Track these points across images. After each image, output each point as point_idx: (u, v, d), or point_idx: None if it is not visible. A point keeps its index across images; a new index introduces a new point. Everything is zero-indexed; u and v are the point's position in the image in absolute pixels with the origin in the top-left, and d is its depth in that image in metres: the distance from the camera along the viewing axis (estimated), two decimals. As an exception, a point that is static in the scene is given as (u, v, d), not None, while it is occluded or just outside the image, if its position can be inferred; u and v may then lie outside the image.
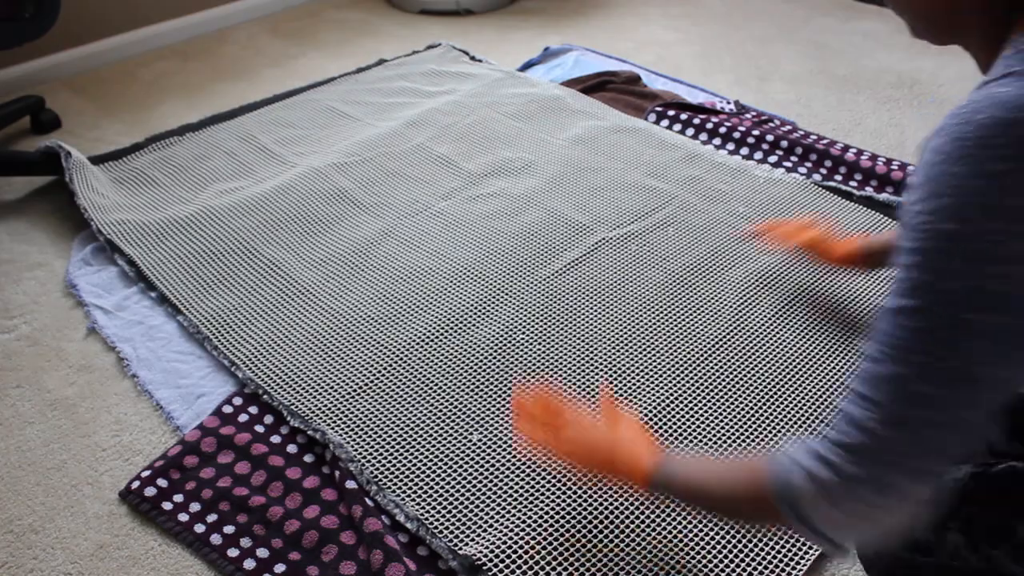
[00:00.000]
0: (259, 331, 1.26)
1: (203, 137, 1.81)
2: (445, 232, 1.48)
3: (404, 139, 1.78)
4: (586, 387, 1.16)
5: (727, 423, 1.11)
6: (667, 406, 1.13)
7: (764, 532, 0.96)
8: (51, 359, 1.26)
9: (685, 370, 1.19)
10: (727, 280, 1.35)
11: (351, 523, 0.98)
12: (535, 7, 2.64)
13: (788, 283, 1.35)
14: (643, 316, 1.28)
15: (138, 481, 1.04)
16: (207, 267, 1.40)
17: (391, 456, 1.06)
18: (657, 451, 0.83)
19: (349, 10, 2.63)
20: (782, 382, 1.17)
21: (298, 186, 1.60)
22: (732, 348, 1.23)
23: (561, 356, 1.21)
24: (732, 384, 1.17)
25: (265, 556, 0.96)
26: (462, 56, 2.20)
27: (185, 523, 1.00)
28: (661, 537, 0.96)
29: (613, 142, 1.75)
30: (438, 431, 1.09)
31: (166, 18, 2.35)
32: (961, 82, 2.04)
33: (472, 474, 1.04)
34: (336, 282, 1.36)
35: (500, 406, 1.13)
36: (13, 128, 1.91)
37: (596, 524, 0.97)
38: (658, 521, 0.98)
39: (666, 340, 1.24)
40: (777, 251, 1.38)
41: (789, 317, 1.28)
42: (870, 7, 2.55)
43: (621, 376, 1.18)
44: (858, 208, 1.54)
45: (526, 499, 1.00)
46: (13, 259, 1.48)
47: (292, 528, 0.98)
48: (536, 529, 0.96)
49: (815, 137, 1.77)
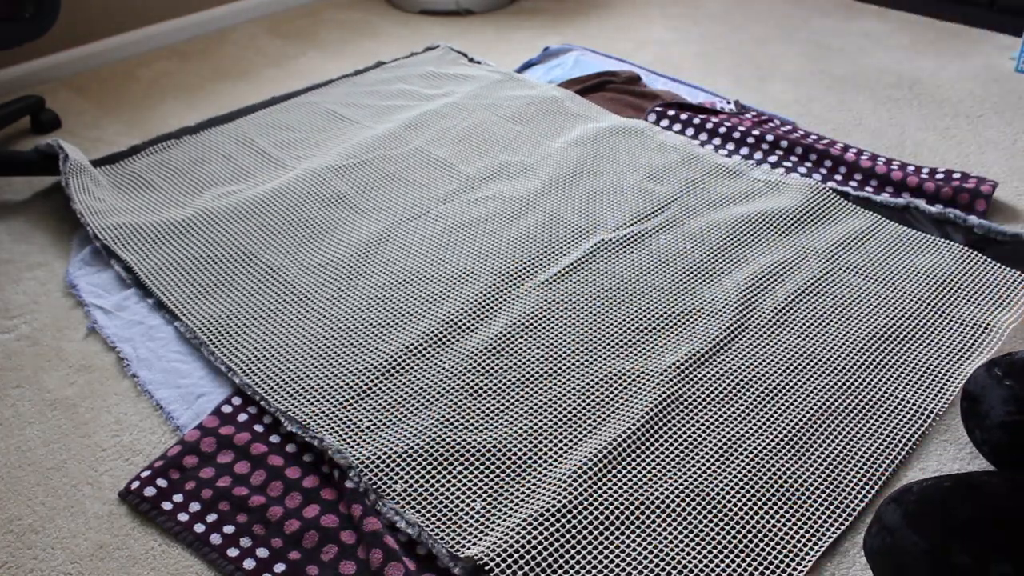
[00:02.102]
0: (256, 336, 1.27)
1: (200, 140, 1.82)
2: (443, 236, 1.48)
3: (402, 142, 1.78)
4: (586, 391, 1.17)
5: (730, 431, 1.11)
6: (667, 409, 1.13)
7: (766, 533, 0.97)
8: (51, 359, 1.27)
9: (685, 372, 1.19)
10: (727, 283, 1.35)
11: (351, 522, 0.99)
12: (535, 7, 2.64)
13: (789, 285, 1.35)
14: (643, 318, 1.28)
15: (138, 481, 1.05)
16: (204, 272, 1.41)
17: (390, 461, 1.06)
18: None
19: (349, 10, 2.64)
20: (784, 385, 1.17)
21: (295, 190, 1.60)
22: (733, 351, 1.23)
23: (560, 359, 1.21)
24: (733, 387, 1.17)
25: (265, 556, 0.96)
26: (460, 58, 2.20)
27: (185, 523, 1.00)
28: (662, 536, 0.97)
29: (611, 145, 1.75)
30: (437, 436, 1.09)
31: (166, 18, 2.36)
32: (961, 82, 2.05)
33: (472, 478, 1.04)
34: (334, 287, 1.37)
35: (500, 410, 1.13)
36: (13, 128, 1.91)
37: (596, 523, 0.98)
38: (659, 520, 0.98)
39: (665, 343, 1.24)
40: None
41: (790, 319, 1.28)
42: (870, 7, 2.55)
43: (620, 379, 1.18)
44: (857, 209, 1.54)
45: (525, 501, 1.01)
46: (13, 259, 1.49)
47: (292, 528, 0.99)
48: (537, 529, 0.96)
49: (815, 137, 1.78)
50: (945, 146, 1.78)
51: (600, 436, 1.09)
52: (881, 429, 1.10)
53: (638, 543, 0.96)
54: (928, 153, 1.76)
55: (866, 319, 1.28)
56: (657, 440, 1.09)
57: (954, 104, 1.95)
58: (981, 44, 2.27)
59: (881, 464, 1.06)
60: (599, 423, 1.11)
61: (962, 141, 1.80)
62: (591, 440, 1.08)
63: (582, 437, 1.09)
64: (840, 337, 1.25)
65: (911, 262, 1.40)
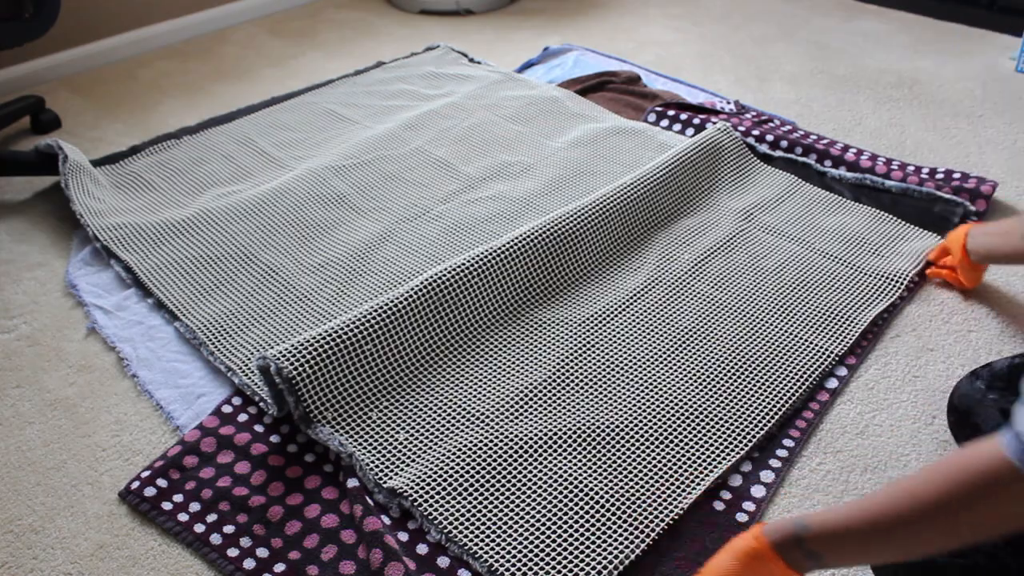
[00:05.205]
0: (256, 337, 1.26)
1: (200, 140, 1.81)
2: (444, 236, 1.48)
3: (402, 142, 1.78)
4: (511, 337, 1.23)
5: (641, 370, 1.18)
6: (583, 354, 1.20)
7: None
8: (51, 359, 1.27)
9: (603, 320, 1.26)
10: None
11: (351, 522, 0.99)
12: (535, 7, 2.64)
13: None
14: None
15: (137, 481, 1.04)
16: (203, 272, 1.40)
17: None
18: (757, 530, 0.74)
19: (349, 10, 2.64)
20: (696, 330, 1.25)
21: (295, 190, 1.60)
22: (649, 300, 1.30)
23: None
24: (648, 333, 1.25)
25: (265, 556, 0.96)
26: (460, 58, 2.20)
27: (185, 523, 1.00)
28: (572, 464, 1.04)
29: (611, 145, 1.75)
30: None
31: (166, 18, 2.36)
32: (961, 82, 2.05)
33: (400, 413, 1.10)
34: (334, 287, 1.37)
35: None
36: (13, 128, 1.91)
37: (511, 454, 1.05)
38: (570, 450, 1.05)
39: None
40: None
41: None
42: (870, 7, 2.55)
43: (543, 326, 1.25)
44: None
45: (447, 436, 1.07)
46: (13, 259, 1.49)
47: (292, 528, 0.99)
48: (455, 461, 1.03)
49: (815, 137, 1.78)
50: (945, 146, 1.78)
51: (520, 379, 1.17)
52: (785, 367, 1.19)
53: (551, 470, 1.03)
54: (928, 153, 1.75)
55: (777, 272, 1.37)
56: (572, 381, 1.17)
57: (954, 104, 1.95)
58: (981, 44, 2.27)
59: (782, 397, 1.14)
60: (520, 367, 1.19)
61: (962, 141, 1.80)
62: (512, 382, 1.16)
63: (505, 379, 1.17)
64: (752, 287, 1.34)
65: (824, 222, 1.51)
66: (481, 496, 1.00)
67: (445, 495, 1.00)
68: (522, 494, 1.00)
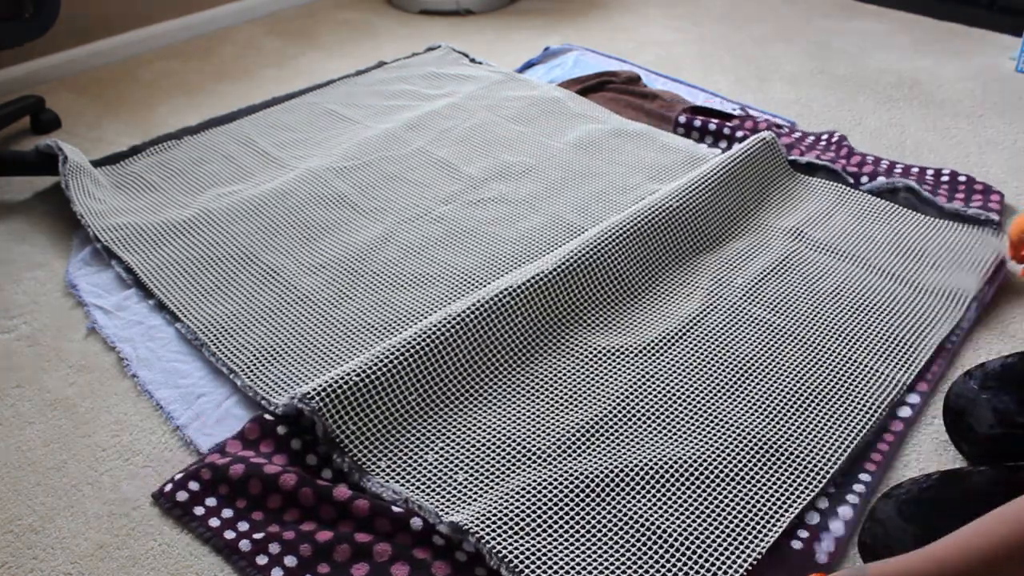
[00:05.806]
0: (257, 338, 1.26)
1: (201, 140, 1.81)
2: (445, 237, 1.48)
3: (403, 142, 1.78)
4: (565, 369, 1.18)
5: (705, 403, 1.13)
6: (643, 386, 1.15)
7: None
8: (51, 359, 1.26)
9: (662, 349, 1.22)
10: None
11: (386, 538, 0.96)
12: (535, 7, 2.64)
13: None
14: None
15: (171, 484, 1.03)
16: (204, 273, 1.40)
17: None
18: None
19: (349, 10, 2.64)
20: (757, 358, 1.20)
21: (296, 190, 1.60)
22: (705, 327, 1.26)
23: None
24: (708, 362, 1.20)
25: (293, 565, 0.94)
26: (461, 58, 2.20)
27: (215, 528, 0.99)
28: (640, 504, 0.99)
29: (614, 146, 1.75)
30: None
31: (166, 18, 2.36)
32: (961, 82, 2.05)
33: (458, 453, 1.06)
34: (335, 288, 1.36)
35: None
36: (13, 128, 1.91)
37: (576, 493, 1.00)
38: (637, 489, 1.01)
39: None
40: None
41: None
42: (870, 7, 2.55)
43: (601, 355, 1.20)
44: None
45: (508, 475, 1.02)
46: (13, 259, 1.49)
47: (324, 538, 0.96)
48: (520, 500, 0.98)
49: (848, 148, 1.77)
50: (945, 146, 1.78)
51: (580, 413, 1.11)
52: (853, 398, 1.14)
53: (620, 511, 0.98)
54: (928, 153, 1.75)
55: (835, 295, 1.33)
56: (634, 415, 1.11)
57: (954, 104, 1.95)
58: (981, 44, 2.27)
59: (853, 430, 1.09)
60: (579, 400, 1.14)
61: (962, 141, 1.80)
62: (572, 417, 1.11)
63: (564, 413, 1.12)
64: (810, 312, 1.29)
65: (877, 233, 1.47)
66: (549, 536, 0.95)
67: (512, 533, 0.94)
68: (593, 535, 0.95)
